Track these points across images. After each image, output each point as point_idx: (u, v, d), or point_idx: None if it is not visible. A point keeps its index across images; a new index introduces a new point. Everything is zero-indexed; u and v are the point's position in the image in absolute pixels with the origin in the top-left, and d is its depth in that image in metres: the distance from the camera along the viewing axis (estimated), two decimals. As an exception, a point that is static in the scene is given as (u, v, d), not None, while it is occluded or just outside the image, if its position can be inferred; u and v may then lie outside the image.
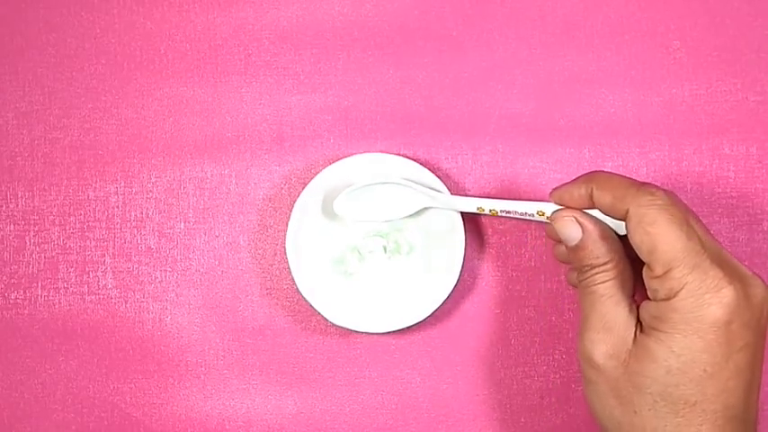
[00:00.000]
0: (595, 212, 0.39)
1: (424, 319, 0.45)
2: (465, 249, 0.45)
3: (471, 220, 0.48)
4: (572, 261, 0.40)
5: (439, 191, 0.45)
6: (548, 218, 0.41)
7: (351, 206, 0.46)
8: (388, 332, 0.46)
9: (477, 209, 0.44)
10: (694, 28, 0.48)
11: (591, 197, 0.39)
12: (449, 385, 0.48)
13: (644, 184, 0.37)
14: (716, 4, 0.48)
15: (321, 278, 0.47)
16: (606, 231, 0.39)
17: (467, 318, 0.48)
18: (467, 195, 0.48)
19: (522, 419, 0.48)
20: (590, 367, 0.38)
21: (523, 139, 0.48)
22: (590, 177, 0.39)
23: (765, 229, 0.48)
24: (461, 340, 0.48)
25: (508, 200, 0.43)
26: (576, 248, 0.39)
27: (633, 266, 0.39)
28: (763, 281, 0.36)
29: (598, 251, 0.38)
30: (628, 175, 0.47)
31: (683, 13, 0.48)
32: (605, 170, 0.39)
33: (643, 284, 0.37)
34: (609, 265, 0.38)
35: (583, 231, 0.39)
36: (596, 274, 0.38)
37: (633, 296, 0.39)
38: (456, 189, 0.48)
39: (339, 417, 0.48)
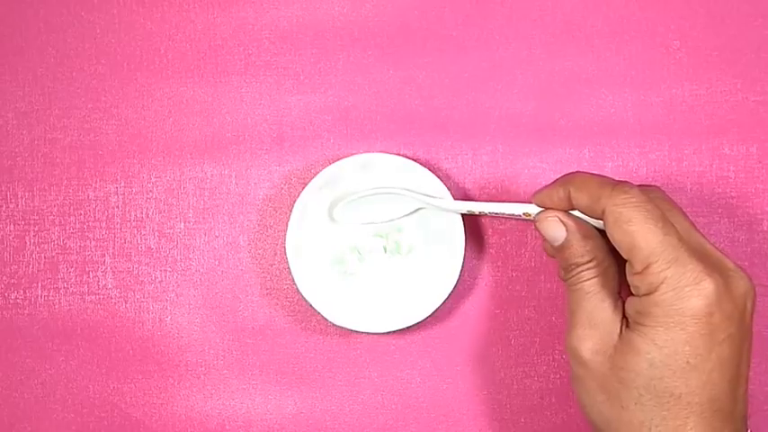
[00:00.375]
0: (576, 214, 0.40)
1: (424, 319, 0.45)
2: (465, 249, 0.45)
3: (471, 220, 0.48)
4: (558, 260, 0.40)
5: (437, 191, 0.45)
6: (533, 218, 0.41)
7: (349, 212, 0.46)
8: (388, 332, 0.46)
9: (467, 211, 0.44)
10: (694, 28, 0.48)
11: (569, 199, 0.39)
12: (449, 385, 0.48)
13: (619, 182, 0.37)
14: (716, 4, 0.48)
15: (321, 278, 0.47)
16: (589, 230, 0.39)
17: (467, 318, 0.48)
18: (463, 198, 0.48)
19: (522, 419, 0.48)
20: (577, 363, 0.38)
21: (523, 139, 0.48)
22: (567, 179, 0.39)
23: (765, 229, 0.48)
24: (461, 340, 0.48)
25: (496, 202, 0.44)
26: (561, 248, 0.40)
27: (618, 263, 0.39)
28: (746, 273, 0.37)
29: (582, 250, 0.39)
30: (625, 175, 0.48)
31: (683, 13, 0.48)
32: (582, 171, 0.40)
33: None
34: (593, 263, 0.39)
35: (567, 231, 0.39)
36: (581, 272, 0.39)
37: (619, 292, 0.39)
38: (456, 189, 0.48)
39: (339, 417, 0.48)
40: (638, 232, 0.35)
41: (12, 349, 0.48)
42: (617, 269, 0.39)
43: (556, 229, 0.39)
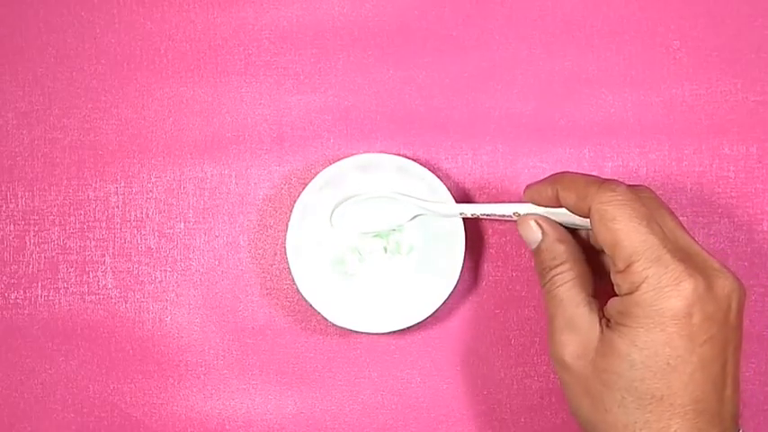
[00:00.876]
0: (564, 212, 0.40)
1: (424, 319, 0.45)
2: (465, 249, 0.45)
3: (471, 220, 0.48)
4: (535, 265, 0.41)
5: (437, 191, 0.45)
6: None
7: (347, 218, 0.46)
8: (388, 332, 0.46)
9: (460, 214, 0.44)
10: (694, 28, 0.48)
11: (558, 198, 0.40)
12: (449, 385, 0.48)
13: (606, 180, 0.38)
14: (716, 4, 0.48)
15: (321, 278, 0.47)
16: (564, 235, 0.41)
17: (467, 318, 0.48)
18: (463, 198, 0.48)
19: (522, 419, 0.48)
20: (561, 369, 0.38)
21: (523, 139, 0.48)
22: (556, 179, 0.40)
23: (765, 229, 0.48)
24: (461, 340, 0.48)
25: (486, 203, 0.45)
26: (537, 251, 0.41)
27: (594, 268, 0.40)
28: (732, 274, 0.36)
29: (555, 252, 0.40)
30: (625, 175, 0.48)
31: (683, 13, 0.48)
32: (570, 171, 0.40)
33: (606, 283, 0.38)
34: (566, 266, 0.39)
35: (542, 234, 0.40)
36: (554, 276, 0.39)
37: (594, 296, 0.39)
38: (456, 189, 0.48)
39: (339, 417, 0.48)
40: (622, 230, 0.36)
41: (12, 349, 0.48)
42: (592, 275, 0.40)
43: (532, 232, 0.41)
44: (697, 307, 0.34)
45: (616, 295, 0.37)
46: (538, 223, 0.41)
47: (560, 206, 0.40)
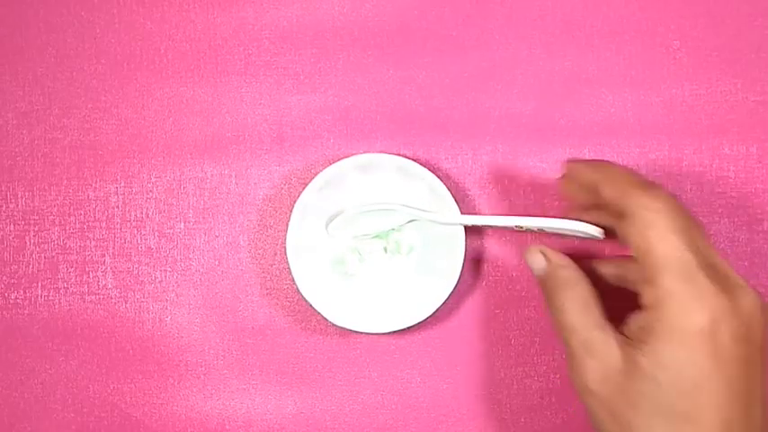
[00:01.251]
0: (574, 224, 0.41)
1: (424, 319, 0.45)
2: (465, 249, 0.45)
3: (471, 220, 0.48)
4: (542, 293, 0.41)
5: (438, 191, 0.45)
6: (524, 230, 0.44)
7: (344, 225, 0.47)
8: (388, 332, 0.46)
9: (461, 224, 0.45)
10: (694, 28, 0.48)
11: (595, 185, 0.39)
12: (449, 385, 0.48)
13: (650, 185, 0.37)
14: (716, 4, 0.48)
15: (321, 278, 0.47)
16: (569, 262, 0.41)
17: (467, 318, 0.48)
18: (463, 198, 0.48)
19: (522, 419, 0.48)
20: (587, 395, 0.37)
21: (523, 139, 0.48)
22: (599, 167, 0.40)
23: (765, 229, 0.48)
24: (461, 340, 0.48)
25: (489, 216, 0.46)
26: (542, 279, 0.41)
27: (601, 292, 0.40)
28: (754, 291, 0.36)
29: (560, 278, 0.40)
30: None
31: (683, 13, 0.48)
32: (616, 164, 0.40)
33: (612, 300, 0.39)
34: (573, 292, 0.39)
35: (548, 262, 0.41)
36: (563, 302, 0.39)
37: (605, 317, 0.39)
38: (456, 189, 0.48)
39: (339, 417, 0.48)
40: (656, 239, 0.35)
41: (12, 349, 0.48)
42: (599, 298, 0.39)
43: (537, 260, 0.41)
44: (721, 324, 0.34)
45: (623, 319, 0.37)
46: (542, 252, 0.41)
47: (594, 191, 0.39)
